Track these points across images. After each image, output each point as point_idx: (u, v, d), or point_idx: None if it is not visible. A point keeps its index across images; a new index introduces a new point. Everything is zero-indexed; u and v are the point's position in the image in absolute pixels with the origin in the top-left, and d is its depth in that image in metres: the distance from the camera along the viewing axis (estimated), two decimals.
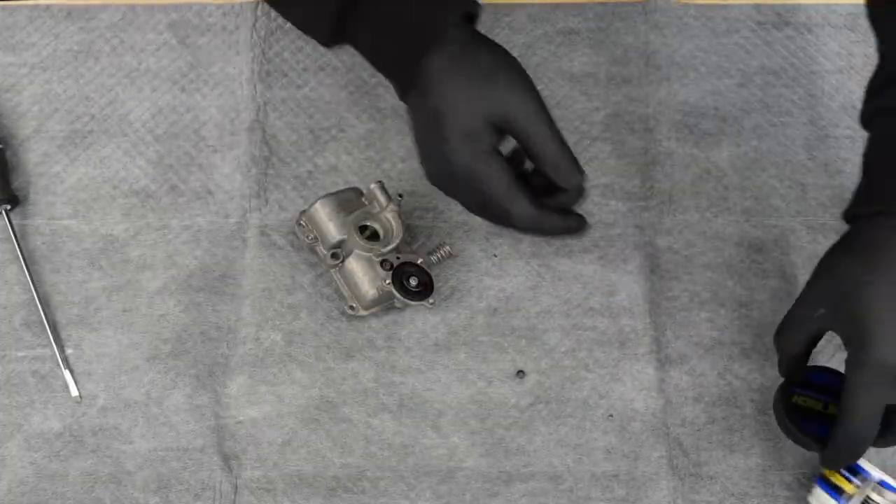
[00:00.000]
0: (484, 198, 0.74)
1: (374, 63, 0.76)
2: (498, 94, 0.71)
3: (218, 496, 0.76)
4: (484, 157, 0.72)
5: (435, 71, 0.71)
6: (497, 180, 0.73)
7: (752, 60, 0.89)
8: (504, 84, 0.71)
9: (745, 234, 0.83)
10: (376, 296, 0.79)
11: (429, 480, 0.76)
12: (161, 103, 0.88)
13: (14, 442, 0.77)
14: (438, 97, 0.70)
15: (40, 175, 0.86)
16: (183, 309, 0.81)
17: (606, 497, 0.76)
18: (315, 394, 0.79)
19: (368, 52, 0.76)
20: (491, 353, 0.80)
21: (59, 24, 0.91)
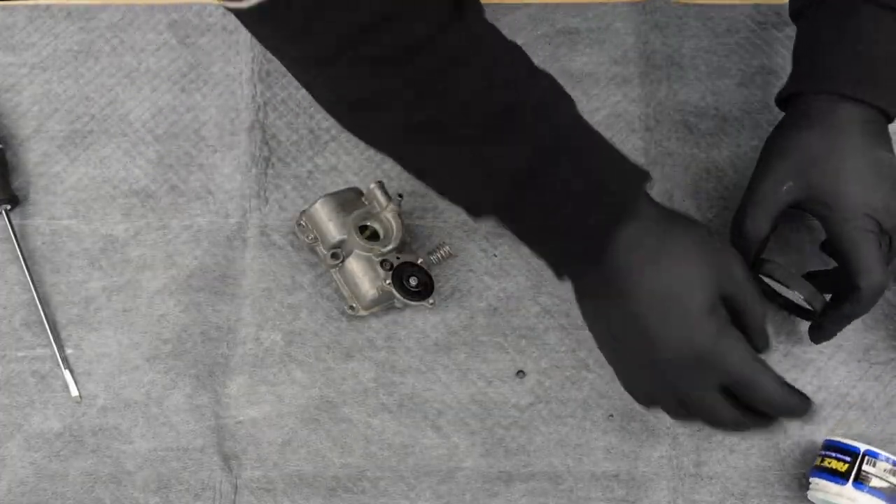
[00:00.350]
0: (722, 378, 0.66)
1: (535, 240, 0.69)
2: (719, 265, 0.66)
3: (218, 496, 0.76)
4: (728, 330, 0.66)
5: (642, 246, 0.65)
6: (742, 352, 0.66)
7: (752, 60, 0.89)
8: (722, 255, 0.67)
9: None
10: (376, 296, 0.79)
11: (429, 480, 0.76)
12: (161, 103, 0.88)
13: (14, 442, 0.77)
14: (664, 272, 0.65)
15: (40, 175, 0.86)
16: (183, 309, 0.81)
17: (606, 497, 0.76)
18: (315, 394, 0.79)
19: (531, 229, 0.68)
20: (491, 353, 0.80)
21: (58, 24, 0.91)
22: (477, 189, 0.67)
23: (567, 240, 0.66)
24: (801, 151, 0.72)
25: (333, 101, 0.68)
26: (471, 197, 0.68)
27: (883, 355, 0.80)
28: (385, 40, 0.61)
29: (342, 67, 0.62)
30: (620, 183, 0.66)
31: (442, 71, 0.63)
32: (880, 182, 0.70)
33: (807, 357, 0.80)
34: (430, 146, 0.66)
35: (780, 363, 0.79)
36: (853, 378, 0.79)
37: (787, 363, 0.79)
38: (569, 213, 0.64)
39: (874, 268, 0.70)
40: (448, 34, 0.62)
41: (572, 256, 0.67)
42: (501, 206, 0.67)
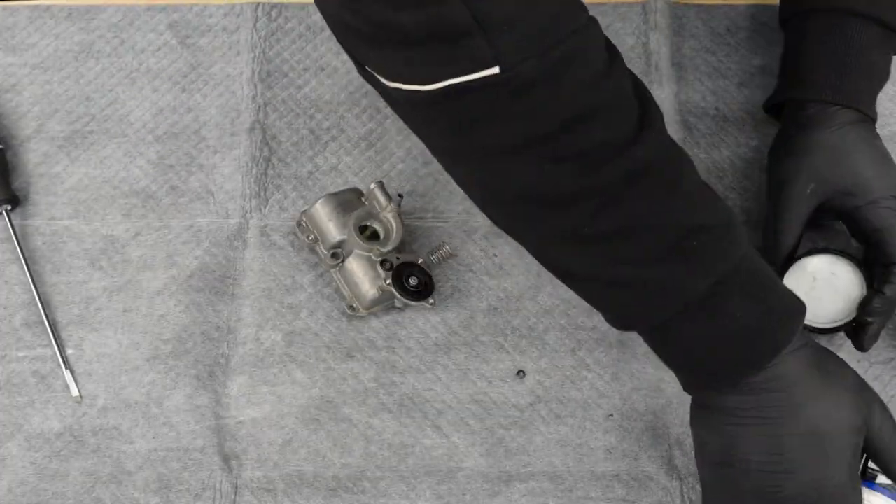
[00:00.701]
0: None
1: (682, 358, 0.67)
2: (867, 410, 0.64)
3: (218, 496, 0.76)
4: (857, 481, 0.65)
5: (802, 379, 0.63)
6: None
7: (752, 60, 0.89)
8: (868, 397, 0.65)
9: None
10: (376, 296, 0.79)
11: (429, 480, 0.76)
12: (161, 103, 0.88)
13: (14, 442, 0.78)
14: (821, 407, 0.63)
15: (41, 175, 0.86)
16: (183, 309, 0.81)
17: (606, 497, 0.76)
18: (315, 394, 0.79)
19: (683, 350, 0.65)
20: (491, 353, 0.80)
21: (59, 24, 0.91)
22: (639, 309, 0.64)
23: (723, 365, 0.64)
24: (816, 152, 0.75)
25: (499, 196, 0.64)
26: (628, 315, 0.66)
27: (883, 355, 0.80)
28: (586, 137, 0.59)
29: (529, 161, 0.60)
30: (784, 316, 0.64)
31: (633, 179, 0.60)
32: (889, 167, 0.76)
33: None
34: (597, 257, 0.63)
35: None
36: None
37: None
38: (732, 342, 0.63)
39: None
40: (638, 143, 0.60)
41: (726, 374, 0.64)
42: (661, 328, 0.64)
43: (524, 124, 0.58)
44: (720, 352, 0.63)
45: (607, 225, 0.61)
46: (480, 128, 0.59)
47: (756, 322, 0.63)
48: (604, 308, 0.68)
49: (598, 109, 0.59)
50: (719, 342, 0.63)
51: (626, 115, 0.60)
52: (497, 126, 0.59)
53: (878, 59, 0.78)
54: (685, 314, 0.62)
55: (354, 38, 0.59)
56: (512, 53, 0.54)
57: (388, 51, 0.57)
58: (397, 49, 0.57)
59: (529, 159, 0.60)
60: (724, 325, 0.63)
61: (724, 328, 0.63)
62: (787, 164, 0.77)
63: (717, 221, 0.63)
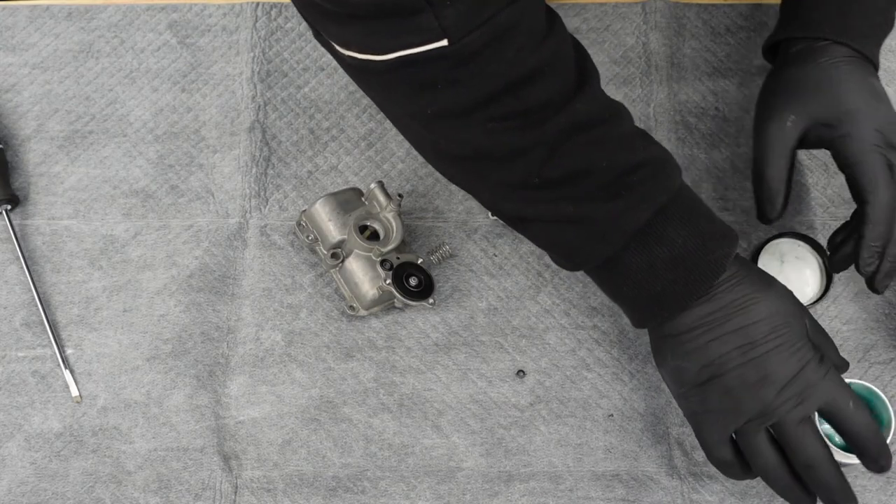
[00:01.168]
0: (821, 403, 0.68)
1: (631, 290, 0.70)
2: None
3: (218, 496, 0.76)
4: (821, 358, 0.69)
5: (752, 282, 0.68)
6: (841, 380, 0.68)
7: (752, 60, 0.89)
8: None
9: (745, 234, 0.83)
10: (376, 296, 0.79)
11: (429, 480, 0.76)
12: (161, 103, 0.88)
13: (14, 442, 0.78)
14: (774, 301, 0.68)
15: (41, 175, 0.86)
16: (183, 309, 0.81)
17: (606, 497, 0.76)
18: (315, 394, 0.79)
19: (632, 282, 0.69)
20: (491, 353, 0.80)
21: (59, 24, 0.91)
22: (588, 244, 0.68)
23: (672, 287, 0.67)
24: (797, 85, 0.75)
25: (451, 154, 0.69)
26: (579, 251, 0.69)
27: (883, 355, 0.80)
28: (529, 96, 0.63)
29: (478, 122, 0.64)
30: (721, 239, 0.68)
31: (574, 132, 0.65)
32: (878, 101, 0.74)
33: None
34: (547, 203, 0.68)
35: None
36: (853, 378, 0.79)
37: None
38: (676, 266, 0.67)
39: (880, 180, 0.72)
40: (577, 99, 0.65)
41: (674, 298, 0.68)
42: (609, 260, 0.68)
43: (471, 89, 0.63)
44: (666, 277, 0.67)
45: (553, 174, 0.66)
46: (430, 93, 0.63)
47: (696, 245, 0.67)
48: (556, 249, 0.72)
49: (539, 71, 0.63)
50: (664, 268, 0.67)
51: (565, 75, 0.65)
52: (446, 92, 0.63)
53: (884, 4, 0.77)
54: (631, 245, 0.67)
55: (314, 11, 0.63)
56: (458, 26, 0.59)
57: (345, 24, 0.62)
58: (354, 22, 0.61)
59: (478, 120, 0.64)
60: (666, 250, 0.67)
61: (667, 254, 0.67)
62: (767, 99, 0.77)
63: (655, 158, 0.68)
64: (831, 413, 0.67)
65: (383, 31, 0.60)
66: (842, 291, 0.82)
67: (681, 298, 0.67)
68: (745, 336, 0.67)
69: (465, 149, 0.67)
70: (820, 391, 0.66)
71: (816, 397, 0.66)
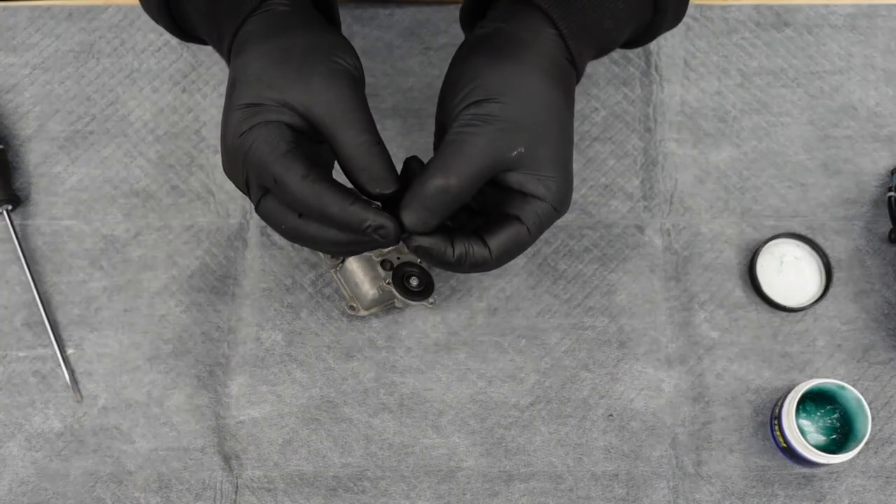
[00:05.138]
0: (258, 169, 0.60)
1: (203, 29, 0.67)
2: (299, 77, 0.60)
3: (219, 496, 0.76)
4: (260, 125, 0.59)
5: (243, 41, 0.63)
6: (270, 144, 0.59)
7: (752, 60, 0.89)
8: (310, 70, 0.60)
9: (745, 234, 0.83)
10: (377, 296, 0.79)
11: (429, 480, 0.77)
12: (162, 103, 0.88)
13: (15, 441, 0.78)
14: (237, 66, 0.62)
15: (41, 175, 0.86)
16: (184, 309, 0.81)
17: (606, 497, 0.76)
18: (315, 394, 0.79)
19: (199, 20, 0.66)
20: (491, 353, 0.80)
21: (60, 24, 0.91)
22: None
23: (214, 38, 0.65)
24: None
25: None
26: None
27: (882, 355, 0.80)
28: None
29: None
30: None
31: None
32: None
33: (804, 357, 0.80)
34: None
35: (778, 363, 0.80)
36: (853, 378, 0.79)
37: (785, 363, 0.80)
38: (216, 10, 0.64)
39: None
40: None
41: (221, 50, 0.65)
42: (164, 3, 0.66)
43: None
44: (211, 15, 0.64)
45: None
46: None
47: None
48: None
49: None
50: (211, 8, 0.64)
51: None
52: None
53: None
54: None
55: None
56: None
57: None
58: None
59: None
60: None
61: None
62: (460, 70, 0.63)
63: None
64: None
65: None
66: (842, 291, 0.82)
67: (221, 37, 0.65)
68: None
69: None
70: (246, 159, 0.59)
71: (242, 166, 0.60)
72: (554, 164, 0.61)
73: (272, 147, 0.58)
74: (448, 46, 0.89)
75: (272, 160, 0.58)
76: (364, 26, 0.89)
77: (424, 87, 0.88)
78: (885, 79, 0.88)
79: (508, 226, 0.61)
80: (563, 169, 0.62)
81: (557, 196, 0.61)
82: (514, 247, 0.61)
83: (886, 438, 0.78)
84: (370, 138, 0.60)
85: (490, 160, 0.59)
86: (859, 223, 0.83)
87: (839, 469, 0.77)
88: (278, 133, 0.59)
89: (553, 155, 0.61)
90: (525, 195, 0.61)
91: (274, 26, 0.63)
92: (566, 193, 0.62)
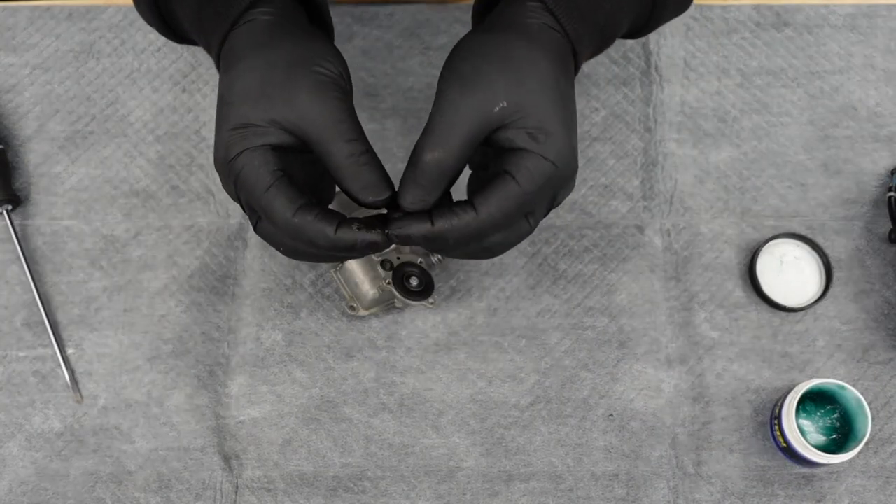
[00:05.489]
0: (247, 197, 0.60)
1: (193, 34, 0.67)
2: (284, 93, 0.59)
3: (219, 496, 0.76)
4: (246, 152, 0.59)
5: (229, 55, 0.62)
6: (256, 174, 0.59)
7: (752, 60, 0.89)
8: (294, 84, 0.60)
9: (745, 234, 0.83)
10: (377, 296, 0.79)
11: (429, 480, 0.77)
12: (162, 103, 0.88)
13: (15, 441, 0.78)
14: (224, 85, 0.61)
15: (41, 175, 0.86)
16: (184, 309, 0.81)
17: (606, 497, 0.76)
18: (315, 394, 0.79)
19: (188, 25, 0.66)
20: (491, 353, 0.80)
21: (60, 24, 0.91)
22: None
23: (211, 20, 0.64)
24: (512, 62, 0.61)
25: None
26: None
27: (882, 355, 0.80)
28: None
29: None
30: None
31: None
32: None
33: (804, 357, 0.80)
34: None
35: (778, 363, 0.80)
36: (852, 378, 0.79)
37: (785, 363, 0.80)
38: (206, 14, 0.64)
39: (492, 216, 0.59)
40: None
41: (213, 56, 0.65)
42: (153, 4, 0.67)
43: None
44: (202, 19, 0.64)
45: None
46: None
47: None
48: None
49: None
50: (202, 12, 0.64)
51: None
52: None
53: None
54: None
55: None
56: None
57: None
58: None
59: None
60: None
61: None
62: (474, 66, 0.61)
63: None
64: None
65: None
66: (842, 291, 0.82)
67: (210, 44, 0.65)
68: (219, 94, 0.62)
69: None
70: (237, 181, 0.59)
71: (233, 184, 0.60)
72: (543, 116, 0.59)
73: (257, 178, 0.59)
74: (448, 46, 0.89)
75: (258, 194, 0.59)
76: (364, 26, 0.89)
77: (424, 87, 0.88)
78: (885, 79, 0.88)
79: (497, 181, 0.58)
80: (556, 121, 0.59)
81: (551, 149, 0.58)
82: (503, 201, 0.58)
83: (886, 438, 0.78)
84: (358, 148, 0.59)
85: (473, 122, 0.58)
86: (859, 223, 0.84)
87: (839, 469, 0.77)
88: (263, 161, 0.59)
89: (541, 106, 0.59)
90: (515, 150, 0.58)
91: (258, 39, 0.62)
92: (562, 147, 0.58)
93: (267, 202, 0.59)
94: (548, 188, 0.59)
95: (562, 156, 0.59)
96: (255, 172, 0.59)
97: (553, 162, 0.58)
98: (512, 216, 0.59)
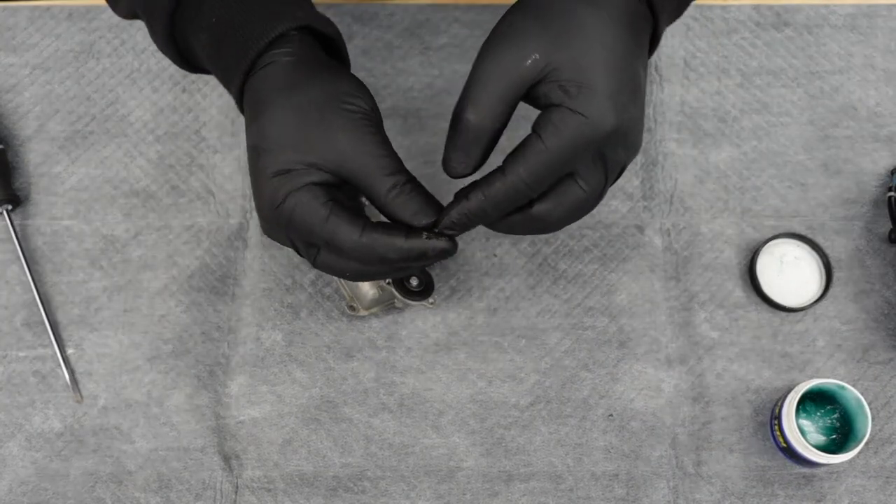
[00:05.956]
0: (304, 235, 0.61)
1: (209, 68, 0.67)
2: (320, 136, 0.60)
3: (219, 496, 0.76)
4: (294, 193, 0.60)
5: (256, 101, 0.62)
6: (310, 209, 0.59)
7: (752, 60, 0.89)
8: (329, 125, 0.60)
9: (745, 234, 0.83)
10: (377, 296, 0.79)
11: (429, 480, 0.77)
12: (162, 104, 0.88)
13: (15, 441, 0.78)
14: (256, 134, 0.61)
15: (41, 175, 0.86)
16: (184, 309, 0.81)
17: (606, 497, 0.76)
18: (315, 393, 0.79)
19: (205, 60, 0.66)
20: (491, 353, 0.80)
21: (60, 24, 0.91)
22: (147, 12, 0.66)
23: (225, 83, 0.65)
24: (557, 16, 0.58)
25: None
26: (148, 22, 0.67)
27: (882, 355, 0.80)
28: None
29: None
30: (259, 25, 0.63)
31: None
32: (572, 43, 0.57)
33: (804, 357, 0.80)
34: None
35: (778, 363, 0.80)
36: (852, 378, 0.79)
37: (785, 363, 0.80)
38: (223, 52, 0.63)
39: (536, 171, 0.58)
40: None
41: (232, 72, 0.64)
42: (169, 32, 0.66)
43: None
44: (220, 57, 0.64)
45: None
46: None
47: (236, 22, 0.63)
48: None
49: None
50: (219, 49, 0.63)
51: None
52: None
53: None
54: (173, 20, 0.65)
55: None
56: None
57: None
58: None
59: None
60: (212, 32, 0.63)
61: (214, 35, 0.63)
62: (507, 29, 0.59)
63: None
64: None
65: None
66: (842, 291, 0.82)
67: (229, 84, 0.64)
68: (250, 143, 0.63)
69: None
70: (290, 224, 0.60)
71: (286, 229, 0.61)
72: (580, 69, 0.54)
73: (312, 213, 0.59)
74: (448, 46, 0.89)
75: (318, 227, 0.59)
76: (364, 26, 0.89)
77: (424, 87, 0.88)
78: (885, 79, 0.88)
79: (525, 140, 0.56)
80: (595, 75, 0.55)
81: (584, 103, 0.54)
82: (529, 160, 0.55)
83: (886, 438, 0.78)
84: (399, 179, 0.60)
85: (503, 78, 0.56)
86: (859, 223, 0.84)
87: (839, 469, 0.77)
88: (313, 197, 0.59)
89: (580, 60, 0.55)
90: (547, 107, 0.55)
91: (283, 82, 0.62)
92: (599, 101, 0.54)
93: (330, 231, 0.59)
94: (584, 146, 0.55)
95: (596, 109, 0.54)
96: (309, 208, 0.59)
97: (582, 114, 0.54)
98: (542, 177, 0.56)
